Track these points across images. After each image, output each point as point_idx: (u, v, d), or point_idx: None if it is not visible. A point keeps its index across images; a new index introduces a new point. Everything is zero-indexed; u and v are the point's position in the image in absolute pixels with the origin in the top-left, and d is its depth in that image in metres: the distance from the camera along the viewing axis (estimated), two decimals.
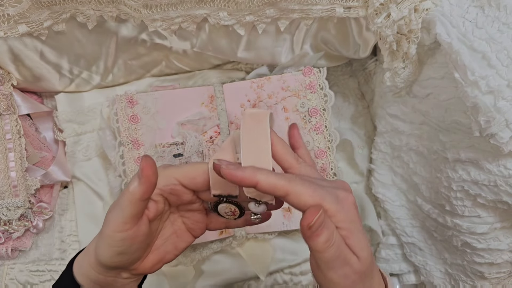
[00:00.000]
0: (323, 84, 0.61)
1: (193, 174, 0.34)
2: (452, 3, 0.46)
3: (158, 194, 0.34)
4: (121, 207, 0.32)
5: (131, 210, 0.32)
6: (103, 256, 0.33)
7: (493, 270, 0.51)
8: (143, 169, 0.31)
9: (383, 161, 0.63)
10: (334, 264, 0.30)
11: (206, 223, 0.39)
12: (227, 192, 0.34)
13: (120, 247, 0.33)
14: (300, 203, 0.30)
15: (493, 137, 0.41)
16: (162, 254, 0.38)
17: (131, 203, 0.32)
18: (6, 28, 0.49)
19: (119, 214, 0.32)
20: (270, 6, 0.50)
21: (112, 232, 0.32)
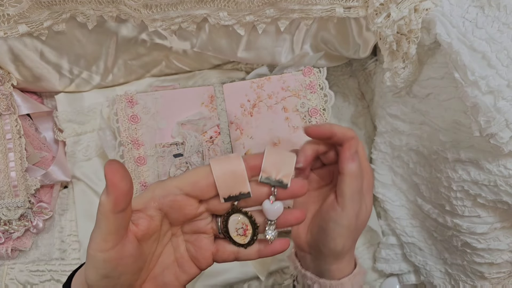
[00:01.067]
0: (323, 84, 0.61)
1: (195, 178, 0.30)
2: (452, 3, 0.46)
3: (155, 208, 0.30)
4: (97, 223, 0.28)
5: (106, 225, 0.27)
6: (89, 278, 0.29)
7: (493, 270, 0.51)
8: (107, 176, 0.26)
9: (383, 161, 0.63)
10: (356, 197, 0.36)
11: (213, 252, 0.33)
12: (238, 190, 0.30)
13: (103, 269, 0.28)
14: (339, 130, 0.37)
15: (493, 137, 0.41)
16: (161, 284, 0.33)
17: (104, 217, 0.27)
18: (6, 28, 0.49)
19: (96, 231, 0.28)
20: (270, 6, 0.50)
21: (93, 251, 0.28)
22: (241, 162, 0.30)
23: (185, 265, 0.33)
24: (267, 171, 0.30)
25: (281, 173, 0.30)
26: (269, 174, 0.30)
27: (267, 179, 0.30)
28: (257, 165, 0.30)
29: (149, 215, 0.30)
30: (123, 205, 0.27)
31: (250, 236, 0.32)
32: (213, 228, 0.33)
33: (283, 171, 0.30)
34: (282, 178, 0.30)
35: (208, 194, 0.30)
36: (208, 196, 0.30)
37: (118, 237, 0.28)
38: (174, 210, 0.30)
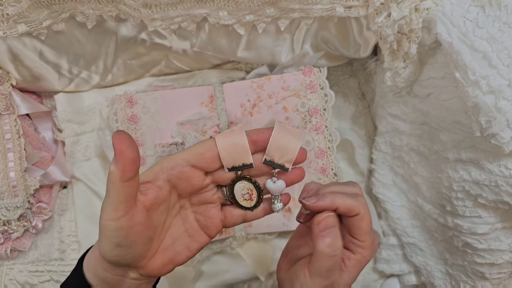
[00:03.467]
0: (323, 84, 0.61)
1: (201, 150, 0.32)
2: (453, 2, 0.46)
3: (164, 179, 0.32)
4: (107, 193, 0.29)
5: (116, 194, 0.29)
6: (102, 248, 0.31)
7: (494, 270, 0.51)
8: (115, 145, 0.27)
9: (384, 161, 0.63)
10: (324, 274, 0.33)
11: (221, 219, 0.36)
12: (241, 161, 0.32)
13: (115, 237, 0.30)
14: (359, 227, 0.34)
15: (494, 137, 0.41)
16: (172, 254, 0.35)
17: (113, 186, 0.28)
18: (5, 27, 0.49)
19: (107, 200, 0.29)
20: (270, 5, 0.50)
21: (105, 221, 0.30)
22: (244, 136, 0.32)
23: (195, 235, 0.36)
24: (270, 155, 0.33)
25: (283, 158, 0.33)
26: (272, 157, 0.33)
27: (270, 162, 0.33)
28: (259, 139, 0.32)
29: (157, 185, 0.32)
30: (131, 173, 0.28)
31: (255, 199, 0.35)
32: (220, 197, 0.36)
33: (286, 156, 0.33)
34: (284, 163, 0.33)
35: (213, 166, 0.33)
36: (213, 167, 0.33)
37: (128, 205, 0.29)
38: (182, 181, 0.32)
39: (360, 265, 0.35)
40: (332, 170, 0.61)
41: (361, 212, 0.34)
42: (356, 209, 0.33)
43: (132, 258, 0.32)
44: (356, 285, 0.66)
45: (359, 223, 0.34)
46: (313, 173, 0.61)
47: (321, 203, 0.33)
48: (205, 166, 0.32)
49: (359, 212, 0.34)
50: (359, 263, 0.35)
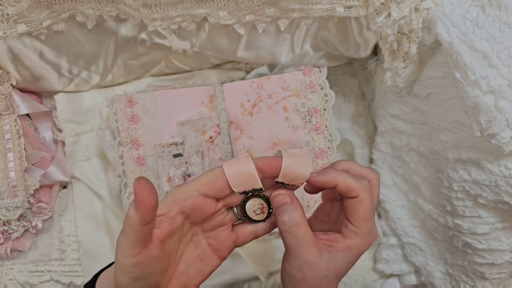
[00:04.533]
0: (323, 83, 0.61)
1: (211, 179, 0.32)
2: (453, 2, 0.46)
3: (177, 212, 0.32)
4: (124, 233, 0.30)
5: (134, 235, 0.29)
6: (119, 282, 0.31)
7: (494, 270, 0.51)
8: (136, 194, 0.28)
9: (384, 161, 0.63)
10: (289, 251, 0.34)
11: (233, 240, 0.36)
12: (250, 187, 0.33)
13: (132, 273, 0.30)
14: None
15: (494, 137, 0.41)
16: (185, 279, 0.35)
17: (132, 229, 0.29)
18: (5, 27, 0.49)
19: (123, 240, 0.30)
20: (270, 5, 0.50)
21: (121, 258, 0.30)
22: (251, 164, 0.32)
23: (208, 259, 0.36)
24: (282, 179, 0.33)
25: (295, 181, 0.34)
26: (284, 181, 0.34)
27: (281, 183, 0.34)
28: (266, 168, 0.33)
29: (171, 217, 0.32)
30: (150, 218, 0.29)
31: (266, 211, 0.36)
32: (231, 218, 0.36)
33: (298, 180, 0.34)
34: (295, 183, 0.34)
35: (224, 193, 0.33)
36: (224, 194, 0.33)
37: (144, 243, 0.30)
38: (195, 211, 0.33)
39: (349, 252, 0.34)
40: None
41: (360, 195, 0.33)
42: (355, 191, 0.33)
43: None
44: (356, 285, 0.66)
45: (356, 207, 0.33)
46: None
47: (321, 178, 0.34)
48: (217, 194, 0.33)
49: (358, 195, 0.33)
50: (348, 249, 0.34)
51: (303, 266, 0.34)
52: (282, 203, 0.34)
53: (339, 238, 0.34)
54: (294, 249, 0.34)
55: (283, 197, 0.34)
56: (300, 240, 0.33)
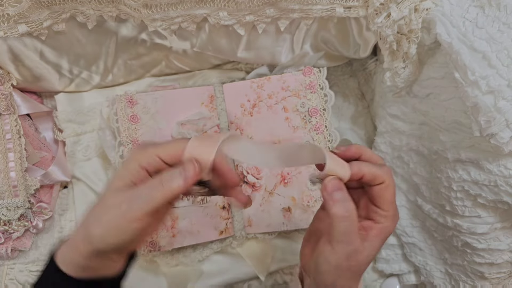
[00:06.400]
0: (323, 84, 0.61)
1: (175, 151, 0.34)
2: (453, 3, 0.46)
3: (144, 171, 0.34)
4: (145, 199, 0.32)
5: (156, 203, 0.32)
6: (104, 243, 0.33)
7: (493, 270, 0.51)
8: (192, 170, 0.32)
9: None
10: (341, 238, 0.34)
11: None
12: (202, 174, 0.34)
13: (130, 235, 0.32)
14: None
15: (494, 137, 0.41)
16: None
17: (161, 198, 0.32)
18: (6, 28, 0.49)
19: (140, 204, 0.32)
20: (270, 6, 0.50)
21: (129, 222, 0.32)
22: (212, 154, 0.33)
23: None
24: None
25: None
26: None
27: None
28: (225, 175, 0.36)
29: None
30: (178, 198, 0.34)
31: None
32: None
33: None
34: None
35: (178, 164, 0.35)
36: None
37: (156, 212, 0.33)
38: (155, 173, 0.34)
39: (382, 235, 0.36)
40: None
41: (386, 181, 0.34)
42: (381, 177, 0.34)
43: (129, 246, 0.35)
44: None
45: (383, 192, 0.35)
46: (313, 173, 0.61)
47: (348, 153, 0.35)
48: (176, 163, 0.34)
49: (384, 181, 0.34)
50: (381, 232, 0.35)
51: (352, 254, 0.34)
52: (337, 187, 0.34)
53: (371, 225, 0.36)
54: (346, 235, 0.34)
55: (337, 182, 0.34)
56: (355, 227, 0.34)
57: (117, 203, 0.32)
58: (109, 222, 0.32)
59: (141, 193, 0.32)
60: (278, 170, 0.62)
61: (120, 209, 0.32)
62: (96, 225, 0.33)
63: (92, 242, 0.33)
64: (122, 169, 0.34)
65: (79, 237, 0.34)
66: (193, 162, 0.32)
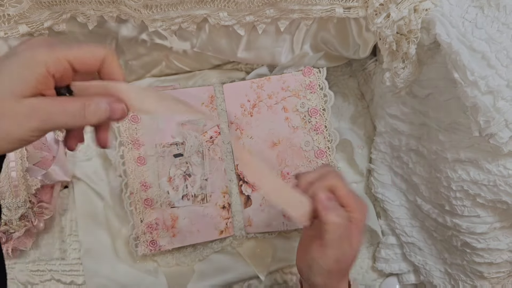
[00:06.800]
0: (323, 84, 0.62)
1: (89, 59, 0.30)
2: (452, 3, 0.46)
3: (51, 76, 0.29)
4: (63, 125, 0.29)
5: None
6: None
7: (493, 269, 0.51)
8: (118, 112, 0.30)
9: (383, 161, 0.63)
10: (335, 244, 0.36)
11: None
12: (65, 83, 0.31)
13: (17, 146, 0.29)
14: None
15: (493, 137, 0.41)
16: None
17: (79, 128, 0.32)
18: (6, 28, 0.49)
19: (51, 127, 0.29)
20: (270, 6, 0.50)
21: (24, 138, 0.28)
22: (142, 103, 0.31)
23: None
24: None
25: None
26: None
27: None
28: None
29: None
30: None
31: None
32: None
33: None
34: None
35: (90, 74, 0.31)
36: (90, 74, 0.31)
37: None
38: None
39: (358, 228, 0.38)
40: None
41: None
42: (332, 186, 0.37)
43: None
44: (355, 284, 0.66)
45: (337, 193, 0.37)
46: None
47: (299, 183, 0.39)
48: (84, 72, 0.31)
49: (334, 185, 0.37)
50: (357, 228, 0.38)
51: (341, 257, 0.37)
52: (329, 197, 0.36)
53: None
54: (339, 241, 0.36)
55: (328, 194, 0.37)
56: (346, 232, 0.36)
57: (20, 114, 0.27)
58: (2, 131, 0.27)
59: (55, 115, 0.28)
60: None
61: (22, 122, 0.27)
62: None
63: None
64: (24, 69, 0.28)
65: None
66: (123, 106, 0.30)
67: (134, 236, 0.60)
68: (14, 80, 0.27)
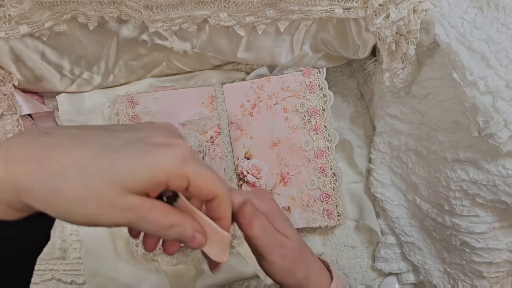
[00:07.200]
0: (322, 84, 0.62)
1: (207, 190, 0.28)
2: (451, 3, 0.46)
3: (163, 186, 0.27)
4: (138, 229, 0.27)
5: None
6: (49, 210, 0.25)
7: (492, 269, 0.52)
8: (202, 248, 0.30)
9: (382, 161, 0.63)
10: (272, 248, 0.36)
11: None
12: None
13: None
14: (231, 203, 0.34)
15: (492, 137, 0.41)
16: None
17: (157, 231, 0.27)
18: (7, 28, 0.49)
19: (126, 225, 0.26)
20: (270, 7, 0.50)
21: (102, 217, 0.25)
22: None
23: None
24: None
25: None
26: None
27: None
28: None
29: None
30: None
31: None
32: None
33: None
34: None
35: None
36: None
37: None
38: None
39: (273, 215, 0.38)
40: (331, 170, 0.62)
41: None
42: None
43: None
44: (354, 283, 0.66)
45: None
46: (313, 172, 0.62)
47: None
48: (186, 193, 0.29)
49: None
50: (270, 214, 0.37)
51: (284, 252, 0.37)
52: (252, 212, 0.35)
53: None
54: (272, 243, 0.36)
55: (249, 207, 0.35)
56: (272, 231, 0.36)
57: (117, 206, 0.25)
58: (89, 211, 0.25)
59: (144, 222, 0.26)
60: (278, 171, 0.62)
61: (112, 214, 0.25)
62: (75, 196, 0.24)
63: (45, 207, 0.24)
64: (145, 169, 0.25)
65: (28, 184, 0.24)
66: (202, 241, 0.29)
67: None
68: (131, 171, 0.25)
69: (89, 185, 0.24)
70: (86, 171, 0.24)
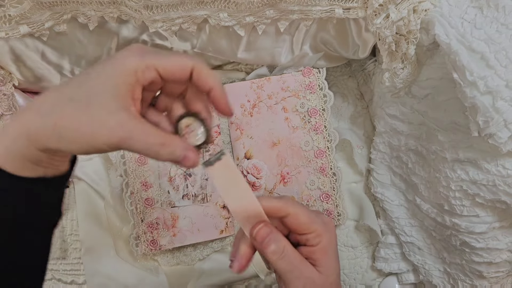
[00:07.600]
0: (322, 84, 0.62)
1: (178, 69, 0.30)
2: (451, 3, 0.46)
3: (140, 85, 0.29)
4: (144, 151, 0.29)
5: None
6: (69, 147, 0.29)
7: (492, 269, 0.52)
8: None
9: (382, 161, 0.63)
10: (289, 276, 0.33)
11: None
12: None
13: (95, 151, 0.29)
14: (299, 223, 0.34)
15: (492, 137, 0.42)
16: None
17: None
18: (7, 28, 0.49)
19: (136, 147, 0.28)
20: (270, 7, 0.50)
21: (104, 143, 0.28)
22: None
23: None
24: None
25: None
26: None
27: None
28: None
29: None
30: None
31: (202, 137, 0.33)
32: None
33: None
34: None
35: (178, 83, 0.32)
36: (176, 83, 0.32)
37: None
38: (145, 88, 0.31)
39: (330, 250, 0.34)
40: (331, 170, 0.62)
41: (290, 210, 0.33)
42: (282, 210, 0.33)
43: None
44: (354, 283, 0.66)
45: (295, 221, 0.34)
46: (313, 172, 0.62)
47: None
48: (171, 81, 0.31)
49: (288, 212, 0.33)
50: (325, 250, 0.34)
51: (309, 283, 0.33)
52: (265, 235, 0.33)
53: (312, 250, 0.34)
54: (291, 272, 0.33)
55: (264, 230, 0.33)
56: (294, 260, 0.33)
57: (107, 126, 0.27)
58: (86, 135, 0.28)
59: (134, 140, 0.28)
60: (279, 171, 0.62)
61: (105, 133, 0.28)
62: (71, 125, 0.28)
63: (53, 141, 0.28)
64: (117, 78, 0.28)
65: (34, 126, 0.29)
66: (196, 159, 0.30)
67: (135, 236, 0.61)
68: (108, 87, 0.28)
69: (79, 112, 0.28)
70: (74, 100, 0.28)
